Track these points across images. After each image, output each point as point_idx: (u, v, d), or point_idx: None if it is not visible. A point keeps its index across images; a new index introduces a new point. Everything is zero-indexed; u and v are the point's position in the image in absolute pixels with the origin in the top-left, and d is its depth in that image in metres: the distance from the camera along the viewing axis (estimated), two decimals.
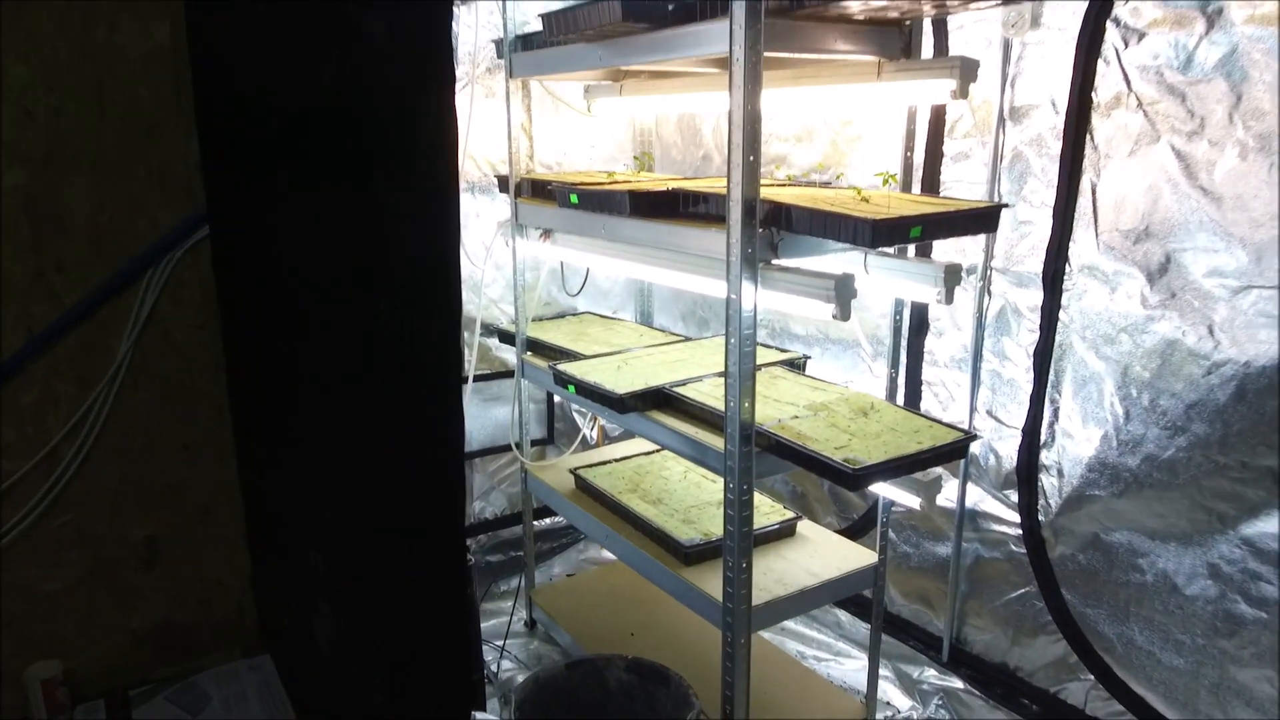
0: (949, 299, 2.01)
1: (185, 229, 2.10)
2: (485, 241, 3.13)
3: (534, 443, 3.43)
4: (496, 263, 3.17)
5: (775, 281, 1.91)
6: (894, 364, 2.29)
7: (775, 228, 1.91)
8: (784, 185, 2.31)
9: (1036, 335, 2.33)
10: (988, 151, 2.35)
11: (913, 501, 2.17)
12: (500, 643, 3.01)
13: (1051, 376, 2.31)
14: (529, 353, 2.93)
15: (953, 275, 1.99)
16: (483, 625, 3.13)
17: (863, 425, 2.09)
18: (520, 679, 2.82)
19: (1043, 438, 2.34)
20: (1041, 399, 2.32)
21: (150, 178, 2.05)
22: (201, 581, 2.34)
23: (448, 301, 1.31)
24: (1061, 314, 2.26)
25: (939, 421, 2.09)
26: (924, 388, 2.64)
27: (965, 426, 2.51)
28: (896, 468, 1.90)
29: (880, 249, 2.09)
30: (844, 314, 1.82)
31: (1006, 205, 1.93)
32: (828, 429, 2.05)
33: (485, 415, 3.28)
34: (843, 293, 1.80)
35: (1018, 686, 2.49)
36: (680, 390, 2.29)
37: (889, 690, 2.66)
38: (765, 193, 1.95)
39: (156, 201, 2.07)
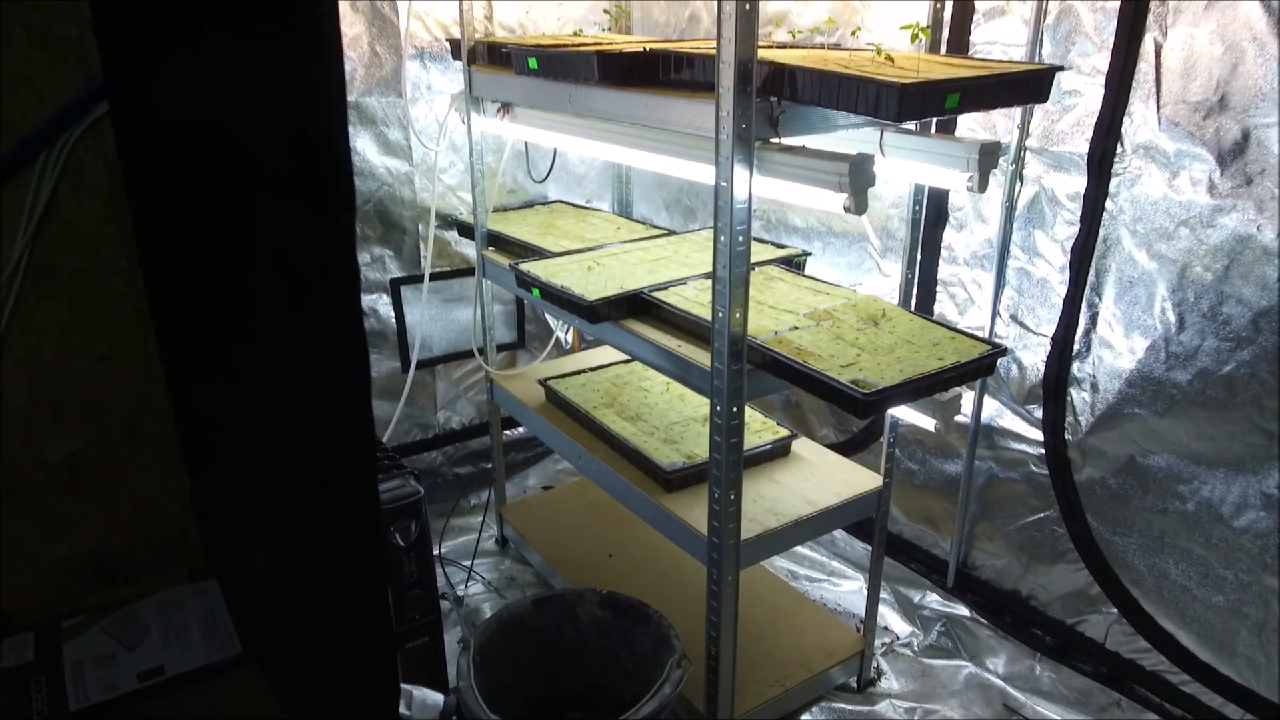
0: (982, 185, 1.67)
1: (81, 103, 1.80)
2: (439, 117, 2.73)
3: (502, 348, 3.12)
4: (453, 143, 2.78)
5: (775, 165, 1.56)
6: (910, 264, 1.96)
7: (775, 97, 1.55)
8: (785, 47, 1.92)
9: (1075, 228, 2.00)
10: (1029, 7, 1.96)
11: (927, 423, 1.89)
12: (468, 563, 2.78)
13: (1091, 277, 1.99)
14: (491, 248, 2.59)
15: (989, 156, 1.64)
16: (451, 544, 2.90)
17: (873, 337, 1.78)
18: (489, 609, 2.60)
19: (1076, 347, 2.04)
20: (1078, 303, 2.01)
21: (32, 40, 1.72)
22: (135, 504, 2.14)
23: (334, 191, 0.97)
24: (1108, 204, 1.92)
25: (961, 332, 1.78)
26: (939, 288, 2.32)
27: (987, 334, 2.21)
28: (914, 390, 1.60)
29: (903, 125, 1.73)
30: (859, 206, 1.48)
31: (1061, 68, 1.57)
32: (832, 342, 1.75)
33: (446, 318, 2.95)
34: (858, 179, 1.45)
35: (1030, 616, 2.28)
36: (661, 295, 1.97)
37: (887, 615, 2.45)
38: (763, 54, 1.58)
39: (42, 69, 1.71)
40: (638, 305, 2.01)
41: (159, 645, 2.00)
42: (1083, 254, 1.98)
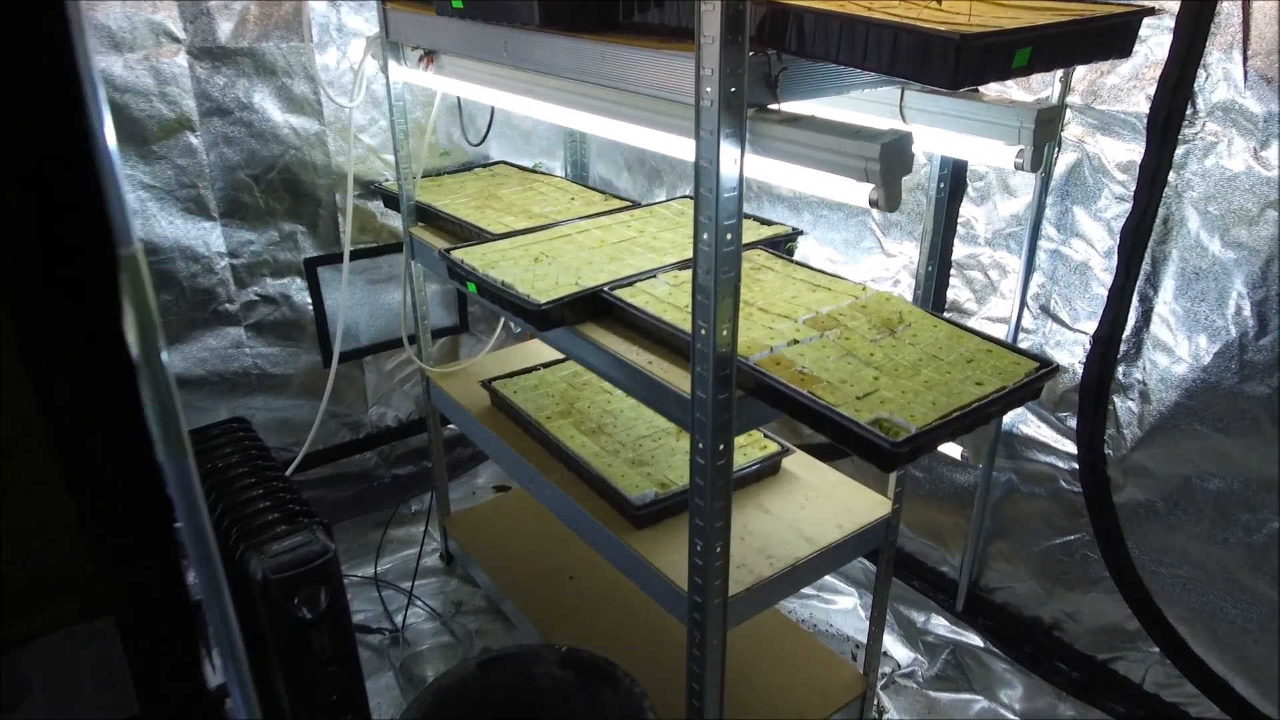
0: (1036, 163, 1.30)
1: None
2: (354, 65, 2.28)
3: (441, 334, 2.72)
4: (373, 96, 2.33)
5: (775, 143, 1.18)
6: (932, 255, 1.60)
7: (775, 50, 1.16)
8: None
9: (1127, 205, 1.65)
10: None
11: (953, 450, 1.55)
12: (408, 585, 2.42)
13: (1145, 265, 1.64)
14: (420, 224, 2.17)
15: (1047, 126, 1.28)
16: (390, 561, 2.54)
17: (890, 351, 1.42)
18: (431, 646, 2.26)
19: (1123, 348, 1.71)
20: (1127, 295, 1.67)
21: None
22: (11, 534, 1.72)
23: (77, 141, 0.58)
24: (1171, 176, 1.57)
25: (999, 342, 1.44)
26: (953, 271, 1.97)
27: (1013, 328, 1.86)
28: (952, 429, 1.26)
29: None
30: (890, 201, 1.10)
31: (1151, 11, 1.19)
32: (842, 360, 1.39)
33: (374, 301, 2.54)
34: (892, 166, 1.08)
35: (1053, 648, 1.99)
36: (626, 295, 1.59)
37: (886, 638, 2.15)
38: None
39: None
40: (597, 306, 1.63)
41: (42, 703, 1.63)
42: (1136, 237, 1.63)
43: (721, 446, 1.35)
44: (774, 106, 1.21)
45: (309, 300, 2.42)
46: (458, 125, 2.43)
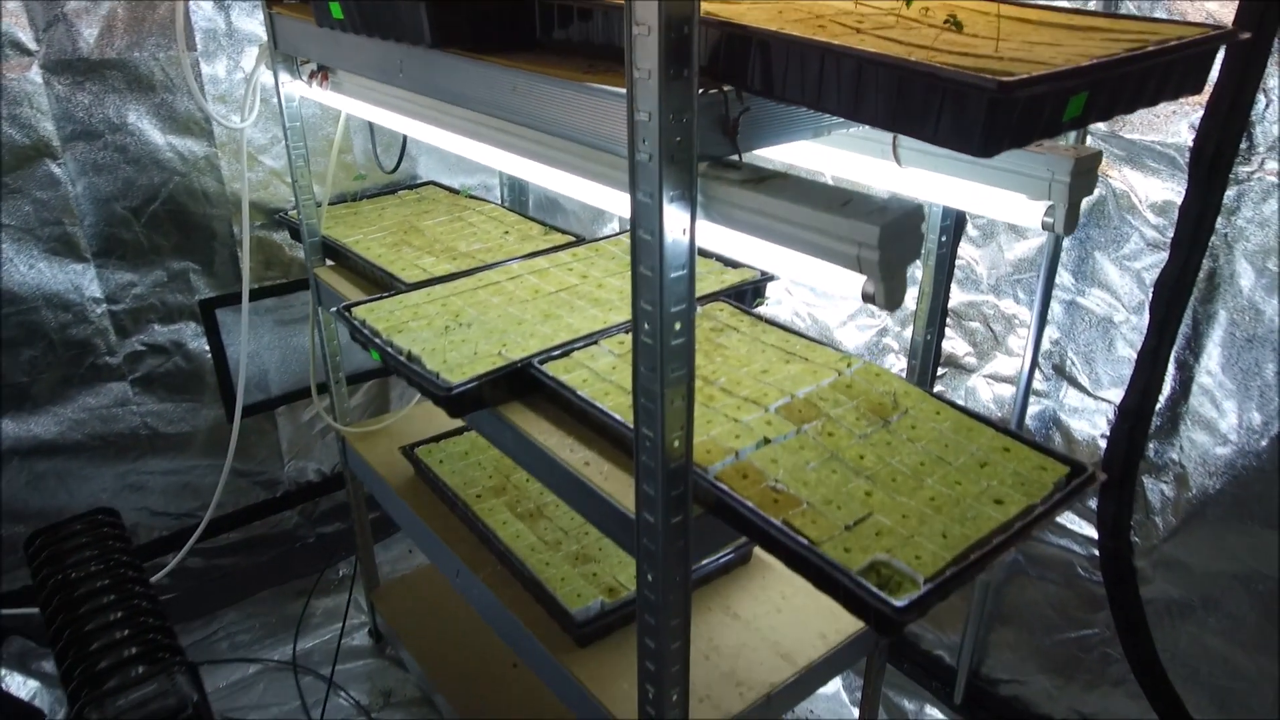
0: (1070, 225, 1.02)
1: None
2: (248, 75, 1.95)
3: (367, 376, 2.40)
4: (273, 110, 2.00)
5: (736, 213, 0.89)
6: (932, 320, 1.31)
7: (733, 87, 0.86)
8: None
9: (1162, 254, 1.37)
10: None
11: None
12: (329, 671, 2.12)
13: (1185, 326, 1.37)
14: (329, 262, 1.86)
15: (1084, 179, 0.99)
16: (311, 640, 2.23)
17: (884, 452, 1.14)
18: None
19: (1156, 421, 1.44)
20: (1162, 360, 1.40)
21: None
22: None
23: None
24: (1220, 222, 1.30)
25: (1019, 437, 1.15)
26: (949, 321, 1.69)
27: (1022, 390, 1.58)
28: (970, 571, 0.97)
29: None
30: (890, 298, 0.81)
31: (1234, 35, 0.90)
32: (826, 467, 1.10)
33: (286, 344, 2.22)
34: (895, 253, 0.78)
35: None
36: (560, 371, 1.29)
37: None
38: (712, 7, 0.91)
39: None
40: (524, 383, 1.33)
41: None
42: (1174, 292, 1.36)
43: (678, 578, 1.06)
44: (735, 161, 0.92)
45: (207, 347, 2.09)
46: (377, 140, 2.11)
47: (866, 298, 0.83)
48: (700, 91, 0.81)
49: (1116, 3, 1.30)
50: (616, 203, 1.08)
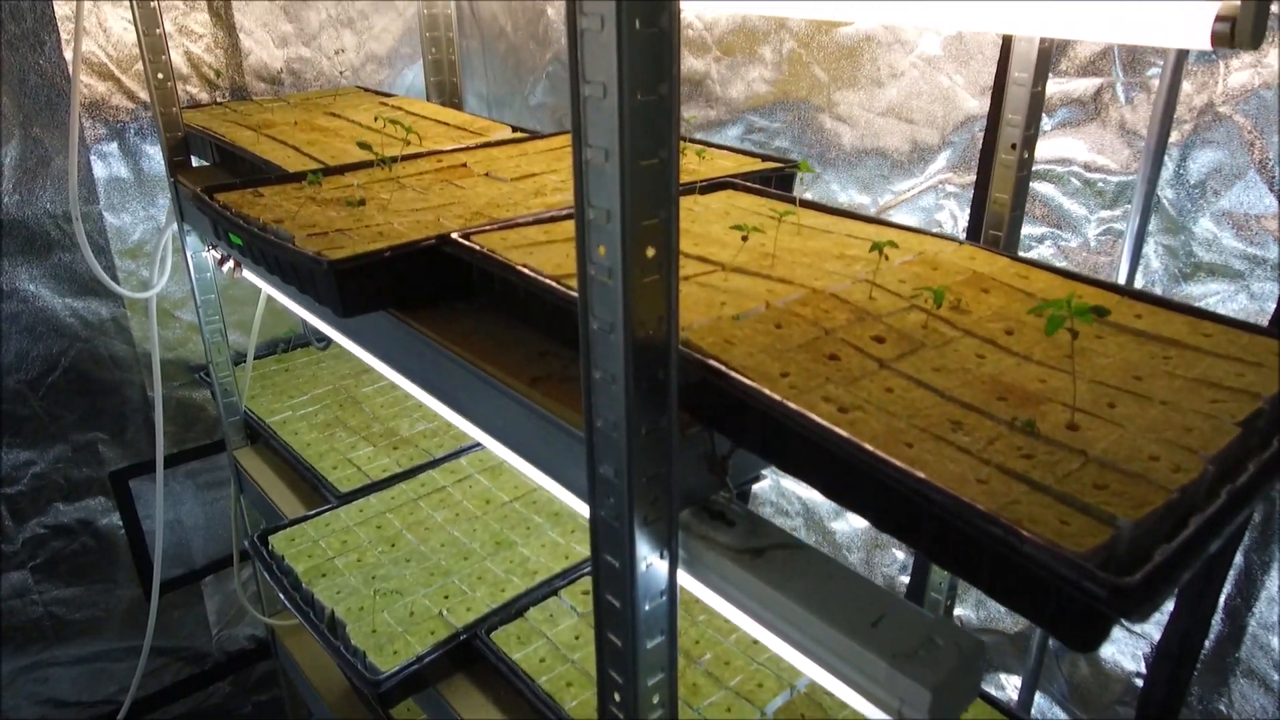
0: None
1: None
2: (160, 224, 1.73)
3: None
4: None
5: (732, 591, 0.69)
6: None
7: (724, 435, 0.68)
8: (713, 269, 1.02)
9: None
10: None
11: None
12: None
13: None
14: (253, 444, 1.64)
15: None
16: None
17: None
18: None
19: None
20: None
21: None
22: None
23: None
24: None
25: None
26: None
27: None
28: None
29: None
30: None
31: None
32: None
33: (210, 510, 1.98)
34: (947, 706, 0.59)
35: None
36: (512, 646, 1.08)
37: None
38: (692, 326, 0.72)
39: None
40: (470, 654, 1.13)
41: None
42: None
43: None
44: (728, 510, 0.72)
45: (120, 521, 1.85)
46: None
47: None
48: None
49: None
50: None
